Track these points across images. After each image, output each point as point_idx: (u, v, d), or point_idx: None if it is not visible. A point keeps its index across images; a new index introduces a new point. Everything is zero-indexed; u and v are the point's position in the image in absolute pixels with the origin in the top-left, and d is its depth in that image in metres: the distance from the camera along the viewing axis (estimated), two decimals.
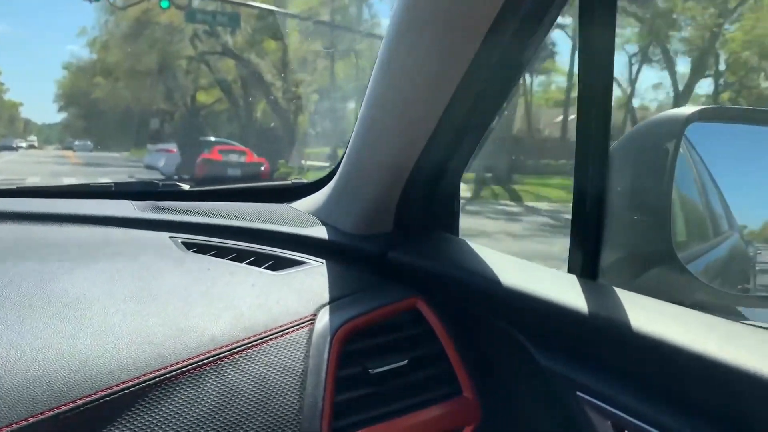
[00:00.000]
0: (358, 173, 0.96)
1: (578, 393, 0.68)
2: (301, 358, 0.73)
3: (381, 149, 0.91)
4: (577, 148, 0.77)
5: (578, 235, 0.79)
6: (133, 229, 0.97)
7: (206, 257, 0.91)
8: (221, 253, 0.93)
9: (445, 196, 0.99)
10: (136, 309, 0.72)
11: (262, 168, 12.90)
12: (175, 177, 10.45)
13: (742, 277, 1.12)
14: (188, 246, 0.94)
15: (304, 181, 1.20)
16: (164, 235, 0.96)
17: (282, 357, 0.72)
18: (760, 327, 0.67)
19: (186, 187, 1.19)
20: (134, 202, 1.07)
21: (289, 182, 1.22)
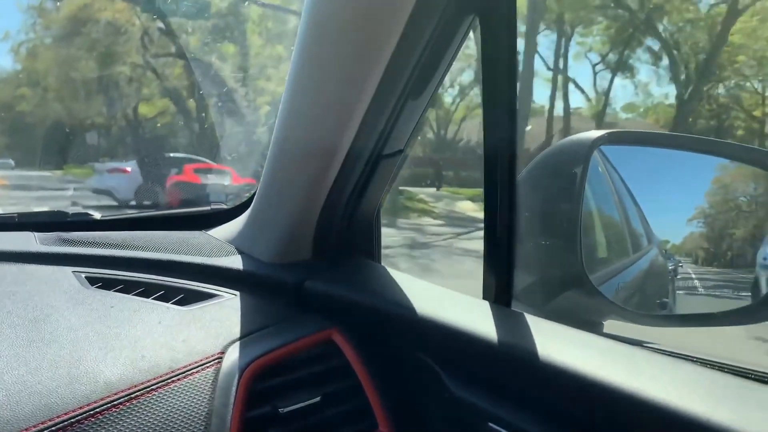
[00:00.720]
0: (273, 199, 0.94)
1: (490, 424, 0.67)
2: (205, 400, 0.69)
3: (295, 174, 0.88)
4: (486, 175, 0.77)
5: (491, 262, 0.79)
6: (32, 265, 0.91)
7: (110, 293, 0.86)
8: (128, 287, 0.88)
9: (365, 221, 0.97)
10: (24, 355, 0.67)
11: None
12: (132, 203, 8.93)
13: (662, 290, 1.15)
14: (92, 281, 0.89)
15: (224, 206, 1.16)
16: (67, 270, 0.91)
17: (184, 400, 0.68)
18: (665, 352, 0.68)
19: (97, 215, 1.14)
20: (38, 234, 1.01)
21: (209, 208, 1.18)
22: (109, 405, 0.64)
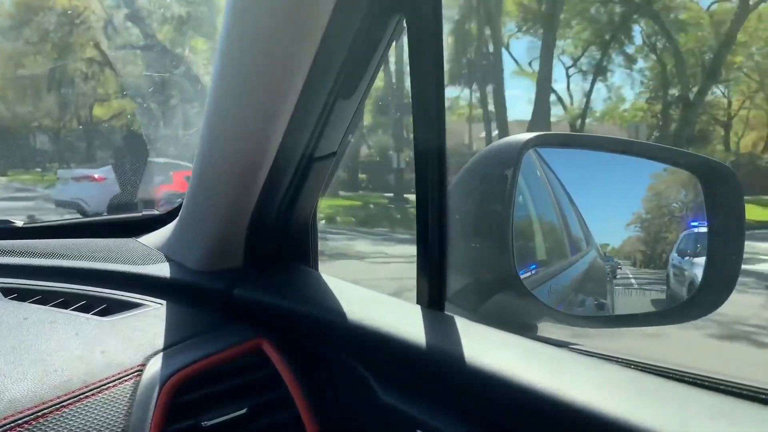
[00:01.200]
0: (201, 204, 0.90)
1: (418, 431, 0.66)
2: (121, 415, 0.66)
3: (222, 178, 0.85)
4: (417, 178, 0.75)
5: (423, 266, 0.78)
6: None
7: (25, 304, 0.81)
8: (46, 298, 0.84)
9: (299, 226, 0.95)
10: None
11: None
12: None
13: (599, 292, 1.17)
14: (6, 292, 0.84)
15: (156, 212, 1.12)
16: None
17: (99, 416, 0.65)
18: (591, 353, 0.68)
19: (19, 223, 1.08)
20: None
21: (140, 214, 1.13)
22: (12, 424, 0.60)
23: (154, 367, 0.71)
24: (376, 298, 0.83)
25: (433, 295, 0.77)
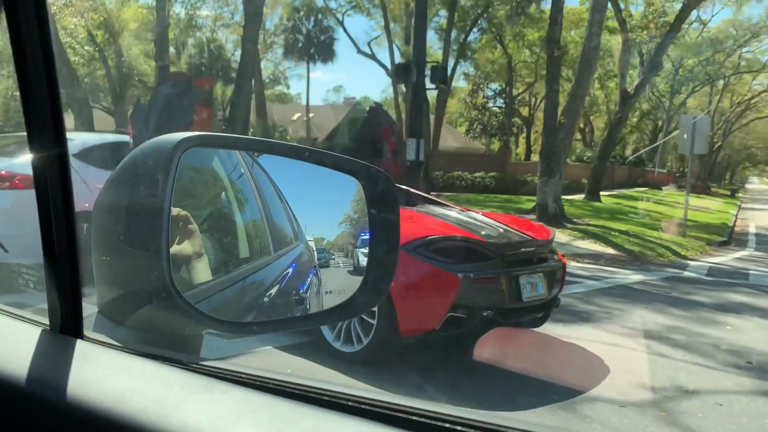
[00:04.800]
0: None
1: None
2: None
3: None
4: (36, 186, 0.66)
5: (52, 285, 0.69)
6: None
7: None
8: None
9: None
10: None
11: None
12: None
13: (303, 280, 1.18)
14: None
15: None
16: None
17: None
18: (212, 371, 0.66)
19: None
20: None
21: None
22: None
23: None
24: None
25: (65, 318, 0.69)
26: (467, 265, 3.56)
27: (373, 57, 28.77)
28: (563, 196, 14.06)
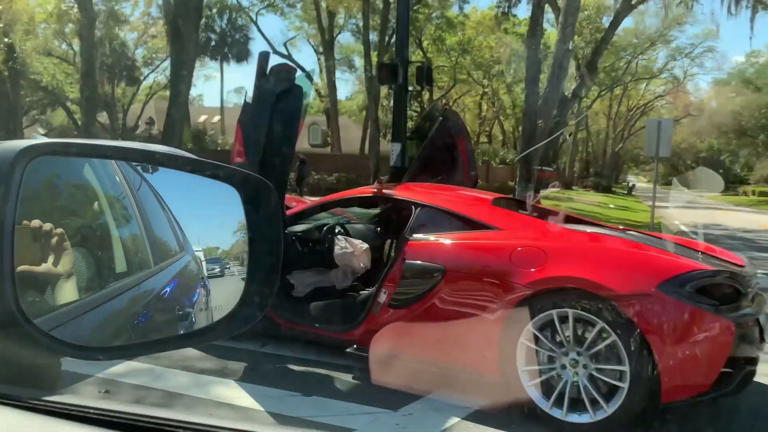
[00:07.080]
0: None
1: None
2: None
3: None
4: None
5: None
6: None
7: None
8: None
9: None
10: None
11: None
12: None
13: (190, 293, 1.12)
14: None
15: None
16: None
17: None
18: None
19: None
20: None
21: None
22: None
23: None
24: None
25: None
26: (733, 306, 2.88)
27: (289, 57, 28.43)
28: None
